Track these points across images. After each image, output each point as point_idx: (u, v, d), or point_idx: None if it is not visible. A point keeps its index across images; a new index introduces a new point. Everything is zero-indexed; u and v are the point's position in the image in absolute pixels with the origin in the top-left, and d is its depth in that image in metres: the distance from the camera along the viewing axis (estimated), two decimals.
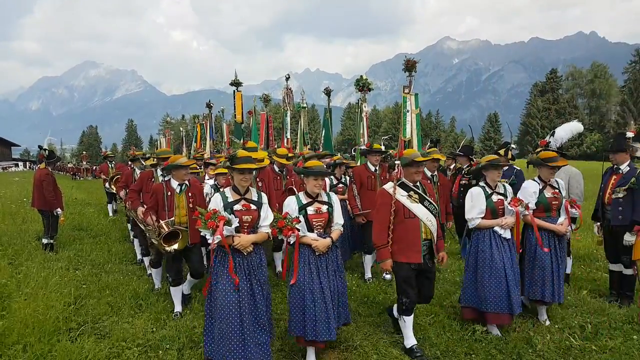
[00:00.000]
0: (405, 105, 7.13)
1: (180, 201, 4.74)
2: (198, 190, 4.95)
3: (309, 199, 3.80)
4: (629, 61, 64.34)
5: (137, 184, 5.88)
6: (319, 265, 3.68)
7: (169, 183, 4.77)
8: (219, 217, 3.41)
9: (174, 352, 3.93)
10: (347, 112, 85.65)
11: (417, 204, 3.83)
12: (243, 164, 3.56)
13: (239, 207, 3.59)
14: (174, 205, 4.71)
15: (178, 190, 4.75)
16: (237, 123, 10.66)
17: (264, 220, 3.69)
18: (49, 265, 6.67)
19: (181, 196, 4.75)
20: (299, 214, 3.72)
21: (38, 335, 4.07)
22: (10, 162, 65.21)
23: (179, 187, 4.76)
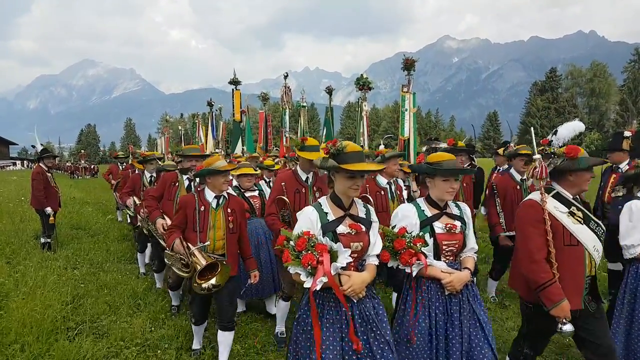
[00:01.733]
0: (403, 104, 7.12)
1: (217, 219, 3.55)
2: (239, 205, 3.75)
3: (435, 210, 2.73)
4: (629, 60, 64.39)
5: (157, 188, 4.77)
6: (450, 310, 2.60)
7: (202, 194, 3.58)
8: (317, 245, 2.21)
9: (173, 351, 3.92)
10: (347, 111, 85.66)
11: (582, 226, 2.67)
12: (357, 165, 2.32)
13: (345, 228, 2.39)
14: (207, 225, 3.53)
15: (214, 205, 3.55)
16: (236, 122, 10.64)
17: (373, 246, 2.48)
18: (47, 264, 6.64)
19: (218, 213, 3.55)
20: (422, 231, 2.65)
21: (36, 334, 4.05)
22: (8, 160, 65.08)
23: (216, 200, 3.57)
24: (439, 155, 2.74)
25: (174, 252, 3.51)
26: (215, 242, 3.54)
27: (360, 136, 9.08)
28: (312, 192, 3.84)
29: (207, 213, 3.52)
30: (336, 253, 2.21)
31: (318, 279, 2.12)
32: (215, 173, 3.48)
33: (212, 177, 3.50)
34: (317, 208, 2.44)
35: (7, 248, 7.69)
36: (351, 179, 2.35)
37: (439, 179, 2.64)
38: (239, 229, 3.66)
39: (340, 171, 2.34)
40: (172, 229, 3.57)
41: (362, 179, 2.42)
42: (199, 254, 3.41)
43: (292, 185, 3.82)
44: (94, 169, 41.66)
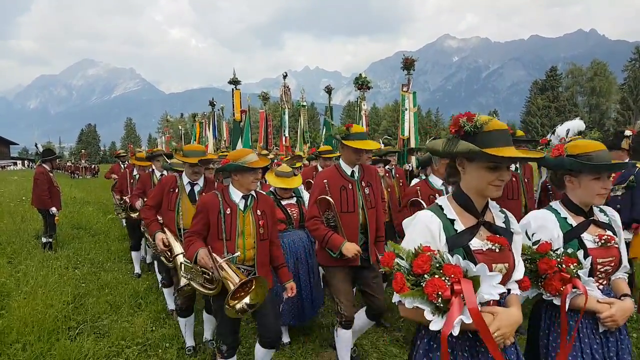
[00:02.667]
0: (403, 104, 7.13)
1: (246, 224, 2.99)
2: (269, 205, 3.17)
3: (580, 218, 2.07)
4: (629, 59, 64.33)
5: (154, 195, 3.96)
6: (608, 354, 1.96)
7: (227, 194, 3.02)
8: (447, 267, 1.51)
9: (174, 351, 3.93)
10: (347, 110, 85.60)
11: None
12: (506, 149, 1.57)
13: (482, 243, 1.69)
14: (236, 231, 2.95)
15: (242, 207, 3.01)
16: (236, 121, 10.65)
17: (517, 269, 1.78)
18: (48, 264, 6.66)
19: (247, 216, 3.00)
20: (568, 247, 1.99)
21: (37, 334, 4.06)
22: (9, 160, 65.11)
23: (243, 201, 3.03)
24: (585, 144, 1.98)
25: (198, 265, 2.91)
26: (245, 252, 2.97)
27: None
28: (360, 189, 3.34)
29: (235, 217, 2.96)
30: (478, 279, 1.49)
31: (455, 317, 1.43)
32: (244, 170, 2.92)
33: (240, 175, 2.95)
34: (437, 212, 1.72)
35: (8, 248, 7.71)
36: (494, 171, 1.62)
37: (588, 177, 1.98)
38: (270, 234, 3.12)
39: (480, 158, 1.61)
40: (192, 237, 2.98)
41: (508, 172, 1.67)
42: (229, 268, 2.79)
43: (335, 182, 3.30)
44: (95, 168, 41.68)
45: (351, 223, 3.30)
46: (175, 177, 3.94)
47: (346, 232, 3.27)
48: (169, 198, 3.84)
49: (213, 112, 15.69)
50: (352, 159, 3.32)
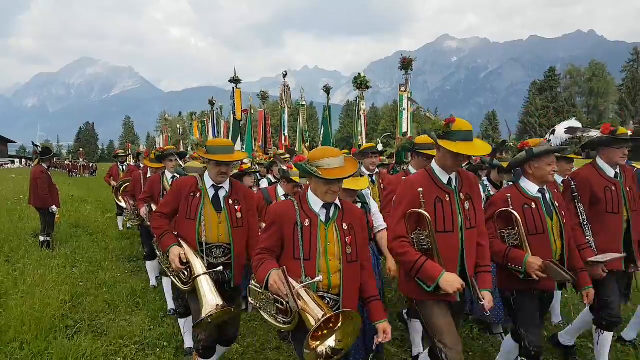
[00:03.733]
0: (401, 104, 7.14)
1: (330, 241, 2.42)
2: (358, 217, 2.59)
3: None
4: (627, 60, 64.49)
5: (168, 200, 3.25)
6: None
7: (305, 204, 2.47)
8: None
9: (171, 350, 3.93)
10: (346, 110, 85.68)
11: None
12: None
13: None
14: (317, 250, 2.39)
15: (323, 218, 2.45)
16: (236, 121, 10.64)
17: None
18: (46, 262, 6.65)
19: (330, 230, 2.44)
20: None
21: (35, 332, 4.06)
22: (7, 159, 64.96)
23: (325, 211, 2.46)
24: None
25: (269, 291, 2.33)
26: (330, 277, 2.37)
27: (358, 135, 9.09)
28: (459, 201, 2.63)
29: (315, 230, 2.39)
30: None
31: None
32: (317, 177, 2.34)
33: (315, 180, 2.41)
34: None
35: (5, 246, 7.70)
36: None
37: None
38: (360, 255, 2.49)
39: None
40: (262, 255, 2.42)
41: None
42: (309, 298, 2.22)
43: (430, 191, 2.59)
44: (93, 167, 41.63)
45: (449, 247, 2.56)
46: (196, 178, 3.24)
47: (443, 259, 2.54)
48: (188, 204, 3.09)
49: (213, 111, 15.67)
50: (450, 164, 2.60)
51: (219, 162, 3.03)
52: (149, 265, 5.80)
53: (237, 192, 3.19)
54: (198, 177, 3.24)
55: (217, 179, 3.10)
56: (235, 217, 3.09)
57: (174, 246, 3.01)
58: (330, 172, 2.31)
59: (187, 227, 3.07)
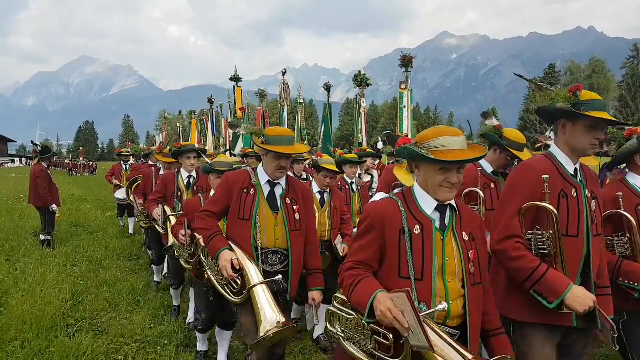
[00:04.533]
0: (402, 101, 7.15)
1: (449, 256, 1.80)
2: (478, 225, 1.94)
3: None
4: (627, 56, 64.40)
5: (217, 198, 2.79)
6: None
7: (413, 204, 1.85)
8: None
9: (172, 348, 3.93)
10: (345, 108, 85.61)
11: None
12: None
13: None
14: (431, 266, 1.78)
15: (438, 224, 1.83)
16: (238, 119, 10.64)
17: None
18: (47, 261, 6.65)
19: (448, 240, 1.81)
20: None
21: (36, 331, 4.07)
22: (7, 158, 64.98)
23: (438, 214, 1.84)
24: None
25: (375, 319, 1.65)
26: (449, 305, 1.72)
27: (358, 133, 9.10)
28: (586, 199, 2.20)
29: (429, 241, 1.76)
30: None
31: None
32: (432, 162, 1.72)
33: (425, 168, 1.78)
34: None
35: (6, 245, 7.70)
36: None
37: None
38: (482, 274, 1.85)
39: None
40: (357, 269, 1.79)
41: None
42: (433, 332, 1.59)
43: (553, 182, 2.06)
44: (93, 166, 41.67)
45: (571, 256, 2.01)
46: (248, 172, 2.82)
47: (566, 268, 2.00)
48: (241, 202, 2.68)
49: (212, 109, 15.66)
50: (581, 146, 2.04)
51: (280, 154, 2.61)
52: (156, 268, 5.68)
53: (294, 190, 2.81)
54: (251, 171, 2.81)
55: (274, 174, 2.70)
56: (293, 218, 2.72)
57: (225, 250, 2.57)
58: (448, 153, 1.68)
59: (240, 229, 2.66)
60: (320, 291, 2.77)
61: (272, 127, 2.95)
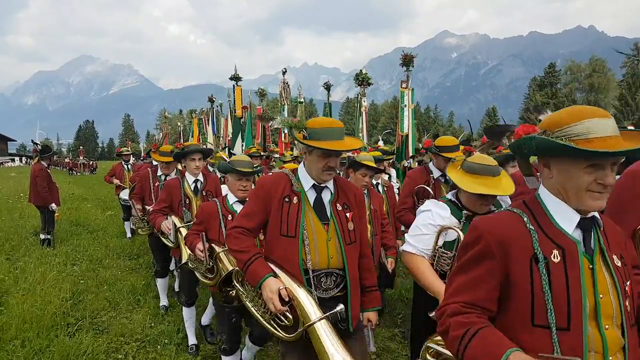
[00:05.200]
0: (402, 100, 7.14)
1: (602, 290, 1.29)
2: (622, 240, 1.43)
3: None
4: (628, 55, 64.34)
5: (249, 211, 2.29)
6: None
7: (544, 218, 1.34)
8: None
9: (172, 347, 3.93)
10: (346, 107, 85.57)
11: None
12: None
13: None
14: (581, 309, 1.25)
15: (582, 246, 1.32)
16: (237, 118, 10.63)
17: None
18: (47, 260, 6.66)
19: (598, 268, 1.31)
20: None
21: (36, 330, 4.07)
22: (7, 157, 64.99)
23: (579, 232, 1.34)
24: None
25: None
26: None
27: (359, 132, 9.09)
28: None
29: (575, 273, 1.28)
30: None
31: None
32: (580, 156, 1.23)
33: (570, 169, 1.28)
34: None
35: (6, 244, 7.71)
36: None
37: None
38: None
39: None
40: (468, 314, 1.32)
41: None
42: None
43: None
44: (93, 165, 41.67)
45: None
46: (288, 176, 2.28)
47: None
48: (282, 214, 2.18)
49: (212, 108, 15.65)
50: None
51: (329, 151, 2.11)
52: (160, 284, 4.87)
53: (345, 193, 2.29)
54: (291, 175, 2.27)
55: (321, 176, 2.19)
56: (347, 229, 2.19)
57: (269, 278, 2.05)
58: (600, 142, 1.21)
59: (284, 247, 2.14)
60: (376, 312, 2.37)
61: (316, 118, 2.30)
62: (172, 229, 3.74)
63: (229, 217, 2.99)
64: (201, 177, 3.98)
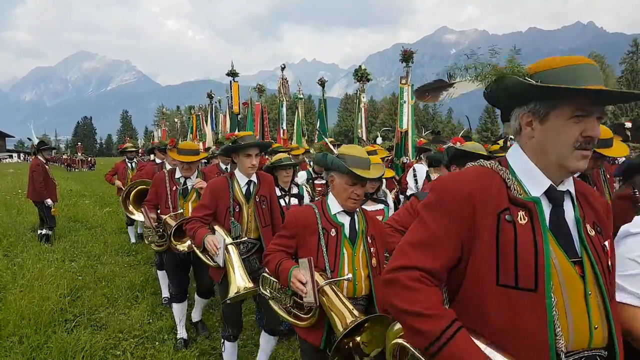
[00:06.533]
0: (402, 96, 7.12)
1: None
2: None
3: None
4: (627, 51, 64.31)
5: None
6: None
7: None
8: None
9: (171, 343, 3.93)
10: (344, 103, 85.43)
11: None
12: None
13: None
14: None
15: None
16: (234, 114, 10.62)
17: None
18: (44, 256, 6.64)
19: None
20: None
21: (34, 326, 4.06)
22: (4, 153, 64.79)
23: None
24: None
25: None
26: None
27: (358, 128, 9.07)
28: None
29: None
30: None
31: None
32: None
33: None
34: None
35: (4, 240, 7.69)
36: None
37: None
38: None
39: None
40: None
41: None
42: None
43: None
44: (91, 161, 41.60)
45: None
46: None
47: None
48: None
49: (211, 104, 15.61)
50: None
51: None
52: (178, 310, 4.04)
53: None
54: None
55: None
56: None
57: None
58: None
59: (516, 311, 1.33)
60: None
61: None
62: (221, 247, 2.81)
63: (331, 232, 2.17)
64: (255, 177, 3.17)
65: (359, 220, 2.24)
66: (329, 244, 2.13)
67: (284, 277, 2.13)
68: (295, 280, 2.04)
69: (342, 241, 2.14)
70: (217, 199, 3.05)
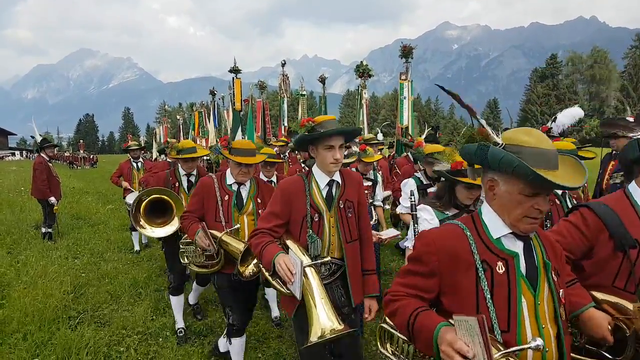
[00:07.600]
0: (402, 92, 7.11)
1: None
2: None
3: None
4: (629, 46, 63.91)
5: None
6: None
7: None
8: None
9: (174, 339, 3.95)
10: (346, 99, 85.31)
11: None
12: None
13: None
14: None
15: None
16: (236, 111, 10.60)
17: None
18: (48, 254, 6.68)
19: None
20: None
21: (38, 323, 4.09)
22: (7, 151, 64.97)
23: None
24: None
25: None
26: None
27: (360, 124, 9.06)
28: None
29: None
30: None
31: None
32: None
33: None
34: None
35: (7, 238, 7.72)
36: None
37: None
38: None
39: None
40: None
41: None
42: None
43: None
44: (93, 158, 41.66)
45: None
46: None
47: None
48: None
49: (214, 101, 15.60)
50: None
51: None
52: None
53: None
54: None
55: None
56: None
57: None
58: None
59: None
60: None
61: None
62: (297, 272, 2.10)
63: (497, 268, 1.43)
64: (339, 176, 2.41)
65: (535, 246, 1.48)
66: (495, 287, 1.40)
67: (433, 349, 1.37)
68: None
69: (519, 282, 1.41)
70: (291, 204, 2.32)
